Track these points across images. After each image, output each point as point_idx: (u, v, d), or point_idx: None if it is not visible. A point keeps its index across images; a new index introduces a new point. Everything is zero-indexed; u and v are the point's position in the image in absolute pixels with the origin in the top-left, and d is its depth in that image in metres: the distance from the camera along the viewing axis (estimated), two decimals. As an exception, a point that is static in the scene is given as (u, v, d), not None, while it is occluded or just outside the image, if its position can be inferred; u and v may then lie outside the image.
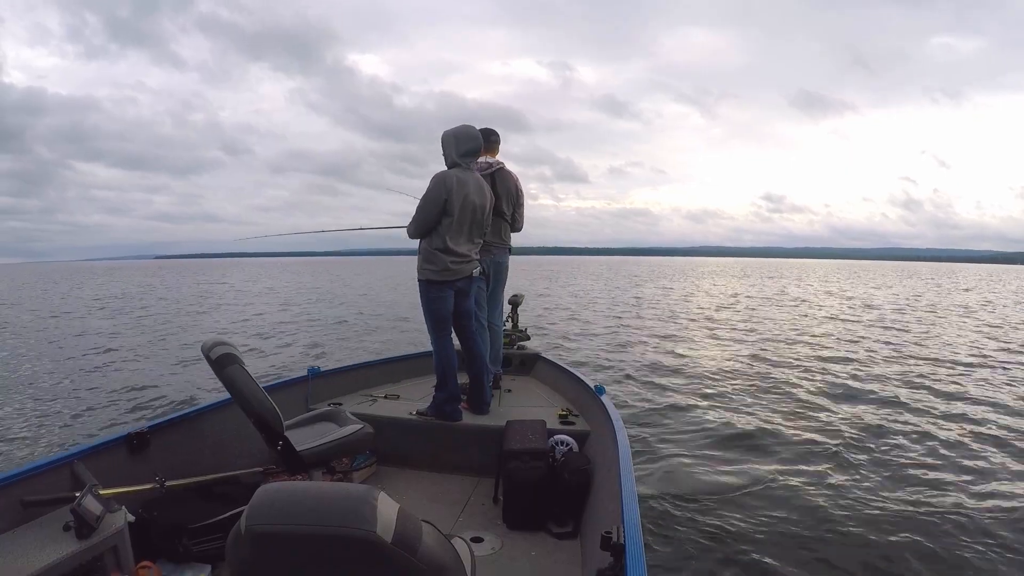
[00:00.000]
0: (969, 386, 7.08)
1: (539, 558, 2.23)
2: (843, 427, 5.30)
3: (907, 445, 4.83)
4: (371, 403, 3.37)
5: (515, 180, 3.54)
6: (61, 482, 1.92)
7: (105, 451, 2.16)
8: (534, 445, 2.53)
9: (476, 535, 2.35)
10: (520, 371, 4.14)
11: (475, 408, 3.18)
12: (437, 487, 2.85)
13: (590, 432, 2.87)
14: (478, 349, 3.22)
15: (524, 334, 4.55)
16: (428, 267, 2.97)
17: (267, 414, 2.18)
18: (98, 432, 5.07)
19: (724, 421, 5.46)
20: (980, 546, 3.16)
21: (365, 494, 0.90)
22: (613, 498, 1.93)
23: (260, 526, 0.88)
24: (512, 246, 3.67)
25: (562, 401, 3.44)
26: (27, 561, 1.54)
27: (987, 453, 4.62)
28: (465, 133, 2.96)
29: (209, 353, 2.24)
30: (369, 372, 3.82)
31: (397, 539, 0.87)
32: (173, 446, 2.42)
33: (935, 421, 5.58)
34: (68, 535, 1.65)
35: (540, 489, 2.43)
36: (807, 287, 32.08)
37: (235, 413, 2.40)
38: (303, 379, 3.38)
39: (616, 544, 1.44)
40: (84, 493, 1.69)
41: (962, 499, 3.76)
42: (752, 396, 6.53)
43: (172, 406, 5.88)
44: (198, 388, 6.70)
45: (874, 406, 6.12)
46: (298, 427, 2.54)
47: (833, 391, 6.81)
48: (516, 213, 3.60)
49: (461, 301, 3.10)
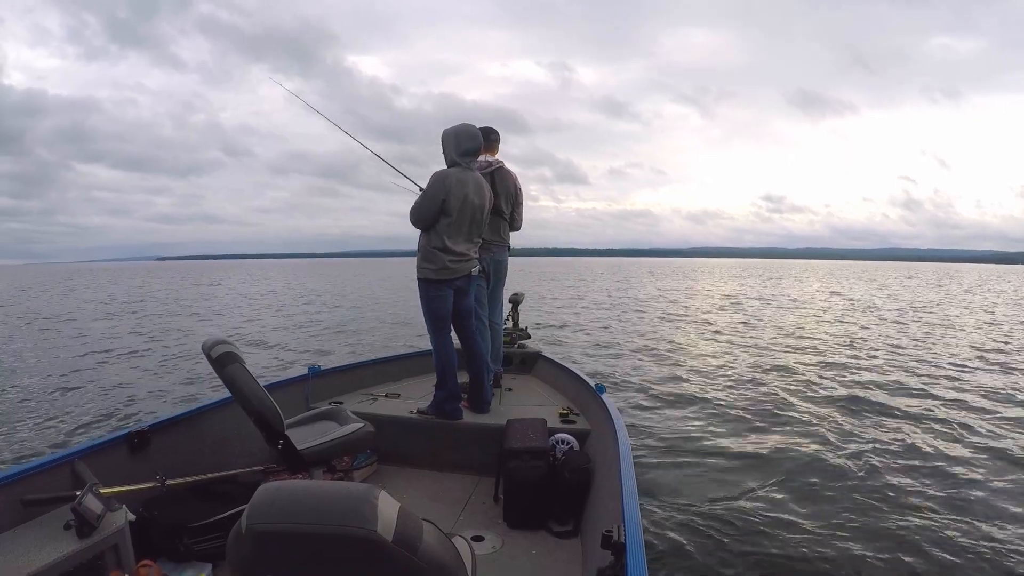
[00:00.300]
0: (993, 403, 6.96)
1: (540, 557, 2.23)
2: (846, 429, 5.30)
3: (908, 446, 4.83)
4: (371, 402, 3.37)
5: (514, 179, 3.54)
6: (62, 481, 1.92)
7: (106, 450, 2.16)
8: (535, 444, 2.53)
9: (477, 534, 2.35)
10: (521, 370, 4.14)
11: (475, 407, 3.18)
12: (438, 486, 2.85)
13: (591, 431, 2.87)
14: (478, 348, 3.22)
15: (525, 333, 4.55)
16: (427, 266, 2.97)
17: (268, 413, 2.18)
18: (99, 431, 5.07)
19: (726, 421, 5.47)
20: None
21: (366, 493, 0.90)
22: (614, 497, 1.93)
23: (261, 525, 0.88)
24: (512, 246, 3.67)
25: (563, 400, 3.45)
26: (28, 560, 1.54)
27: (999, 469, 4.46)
28: (465, 132, 2.96)
29: (210, 352, 2.25)
30: (369, 371, 3.82)
31: (398, 538, 0.87)
32: (174, 445, 2.42)
33: (939, 415, 5.59)
34: (69, 534, 1.65)
35: (541, 488, 2.43)
36: (810, 288, 32.01)
37: (236, 412, 2.40)
38: (303, 378, 3.38)
39: (617, 543, 1.44)
40: (85, 492, 1.69)
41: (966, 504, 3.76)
42: (755, 396, 6.53)
43: (172, 405, 5.88)
44: (199, 387, 6.71)
45: (877, 408, 6.11)
46: (299, 426, 2.54)
47: (837, 393, 6.80)
48: (515, 212, 3.59)
49: (460, 300, 3.09)
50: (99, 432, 4.97)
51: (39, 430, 5.18)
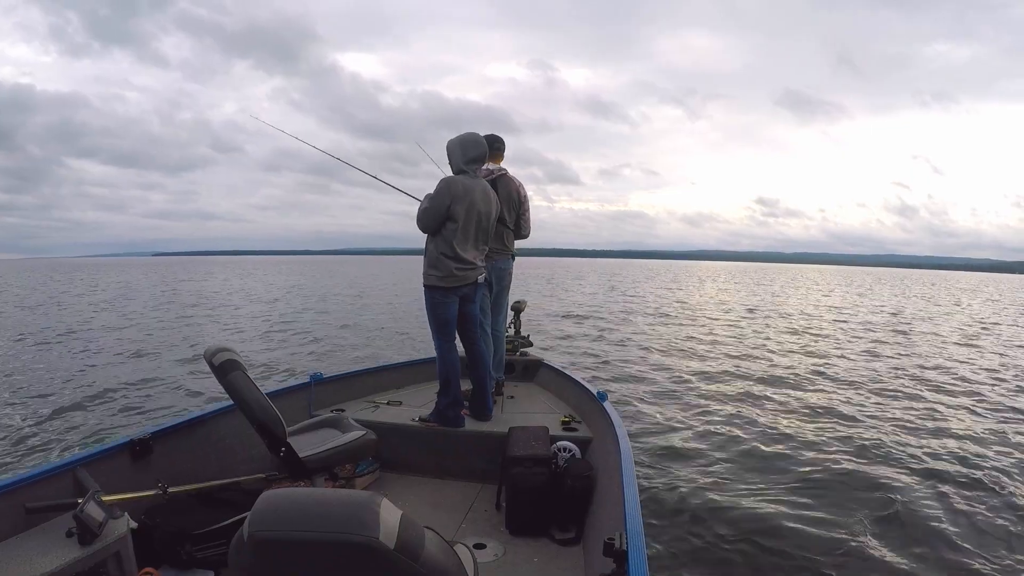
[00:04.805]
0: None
1: (542, 564, 2.22)
2: (852, 436, 5.26)
3: (910, 448, 4.80)
4: (373, 409, 3.37)
5: (517, 186, 3.54)
6: (64, 488, 1.92)
7: (108, 457, 2.16)
8: (537, 451, 2.53)
9: (479, 541, 2.34)
10: (523, 377, 4.14)
11: (477, 414, 3.18)
12: (440, 493, 2.84)
13: (592, 438, 2.86)
14: (482, 356, 3.22)
15: (527, 340, 4.55)
16: (433, 273, 2.99)
17: (270, 420, 2.19)
18: (101, 438, 5.07)
19: (728, 428, 5.43)
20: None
21: (368, 500, 0.90)
22: (616, 504, 1.93)
23: (263, 532, 0.88)
24: (514, 251, 3.68)
25: (564, 407, 3.44)
26: (30, 567, 1.54)
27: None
28: (471, 140, 2.99)
29: (212, 359, 2.25)
30: (371, 378, 3.82)
31: (400, 545, 0.87)
32: (175, 452, 2.42)
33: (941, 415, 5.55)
34: (71, 541, 1.65)
35: (543, 495, 2.42)
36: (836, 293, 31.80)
37: (238, 419, 2.41)
38: (306, 385, 3.38)
39: (619, 550, 1.44)
40: (87, 499, 1.69)
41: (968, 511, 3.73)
42: (757, 403, 6.50)
43: (174, 411, 5.88)
44: (200, 394, 6.70)
45: (880, 412, 6.09)
46: (301, 433, 2.54)
47: (841, 397, 6.78)
48: (521, 220, 3.59)
49: (466, 307, 3.10)
50: (102, 439, 4.98)
51: (41, 435, 5.18)
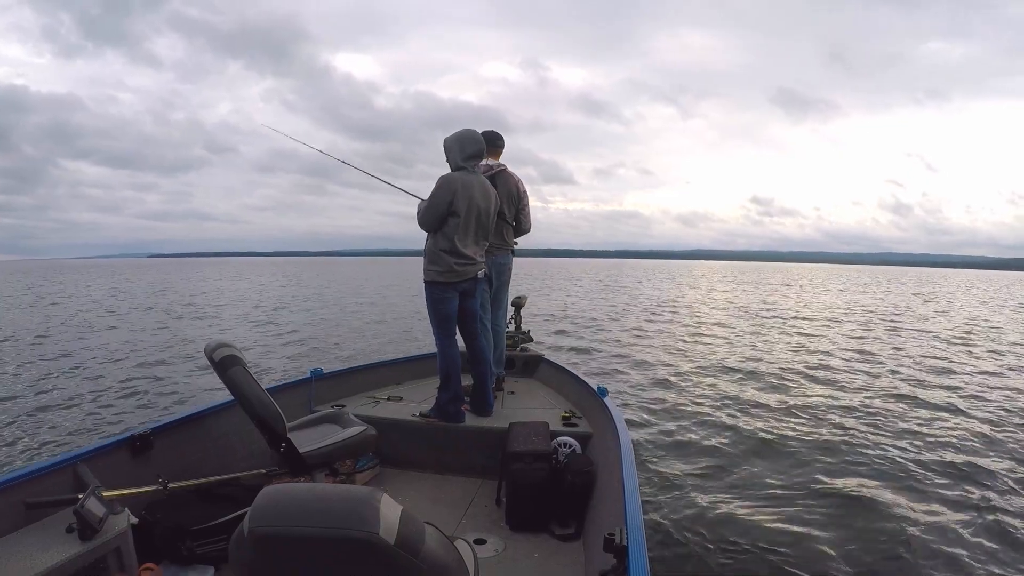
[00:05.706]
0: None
1: (542, 560, 2.22)
2: (853, 434, 5.27)
3: (911, 449, 4.81)
4: (374, 405, 3.37)
5: (516, 182, 3.54)
6: (64, 484, 1.92)
7: (108, 453, 2.16)
8: (537, 447, 2.53)
9: (479, 537, 2.34)
10: (523, 373, 4.14)
11: (478, 410, 3.18)
12: (440, 489, 2.85)
13: (593, 434, 2.86)
14: (482, 351, 3.22)
15: (527, 336, 4.54)
16: (433, 268, 2.99)
17: (270, 416, 2.18)
18: (101, 433, 5.07)
19: (728, 423, 5.44)
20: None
21: (368, 496, 0.90)
22: (616, 500, 1.93)
23: (263, 528, 0.88)
24: (514, 247, 3.67)
25: (565, 403, 3.44)
26: (30, 563, 1.54)
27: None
28: (468, 136, 2.99)
29: (212, 355, 2.25)
30: (372, 374, 3.82)
31: (400, 541, 0.87)
32: (176, 448, 2.42)
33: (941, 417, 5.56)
34: (71, 537, 1.65)
35: (543, 491, 2.43)
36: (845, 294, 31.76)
37: (238, 415, 2.41)
38: (306, 381, 3.38)
39: (619, 546, 1.44)
40: (87, 495, 1.69)
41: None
42: (757, 399, 6.51)
43: (174, 406, 5.89)
44: (199, 390, 6.71)
45: (882, 412, 6.09)
46: (301, 429, 2.54)
47: (842, 396, 6.78)
48: (520, 215, 3.59)
49: (466, 302, 3.10)
50: (102, 433, 4.98)
51: (41, 432, 5.18)
